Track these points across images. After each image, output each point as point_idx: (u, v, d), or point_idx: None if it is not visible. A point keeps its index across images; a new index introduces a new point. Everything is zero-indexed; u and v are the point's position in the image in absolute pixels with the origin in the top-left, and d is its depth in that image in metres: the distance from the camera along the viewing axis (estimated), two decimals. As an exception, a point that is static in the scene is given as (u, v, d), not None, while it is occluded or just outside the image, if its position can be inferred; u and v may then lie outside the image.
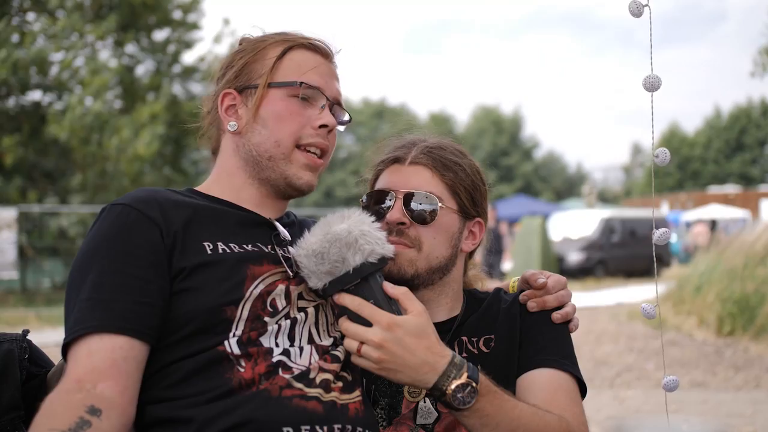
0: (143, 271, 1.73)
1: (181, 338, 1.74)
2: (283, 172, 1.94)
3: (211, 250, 1.81)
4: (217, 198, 1.96)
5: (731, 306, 12.02)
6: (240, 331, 1.75)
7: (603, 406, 7.57)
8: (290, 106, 1.93)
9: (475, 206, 2.11)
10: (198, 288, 1.76)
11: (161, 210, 1.81)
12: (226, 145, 1.99)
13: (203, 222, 1.85)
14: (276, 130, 1.93)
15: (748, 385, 8.72)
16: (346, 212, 1.84)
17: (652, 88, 2.07)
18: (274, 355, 1.77)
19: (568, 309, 2.08)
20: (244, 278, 1.80)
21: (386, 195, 2.07)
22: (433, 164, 2.08)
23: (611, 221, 28.84)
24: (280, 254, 1.89)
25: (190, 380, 1.72)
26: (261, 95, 1.92)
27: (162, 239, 1.77)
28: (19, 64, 19.09)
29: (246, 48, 1.99)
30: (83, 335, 1.67)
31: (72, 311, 1.72)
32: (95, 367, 1.65)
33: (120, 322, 1.68)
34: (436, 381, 1.74)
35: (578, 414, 1.95)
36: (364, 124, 66.16)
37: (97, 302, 1.70)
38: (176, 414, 1.70)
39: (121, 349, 1.67)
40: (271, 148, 1.93)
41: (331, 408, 1.76)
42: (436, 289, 2.09)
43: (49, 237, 20.55)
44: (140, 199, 1.82)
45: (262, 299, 1.80)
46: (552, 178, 68.70)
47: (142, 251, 1.75)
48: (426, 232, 2.04)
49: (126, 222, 1.78)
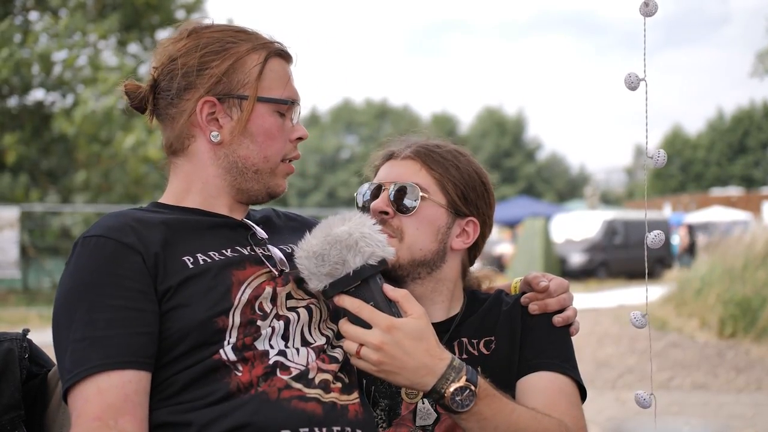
0: (133, 301, 1.71)
1: (178, 355, 1.72)
2: (266, 183, 1.94)
3: (192, 263, 1.78)
4: (186, 208, 1.92)
5: (733, 308, 12.02)
6: (234, 339, 1.74)
7: (604, 407, 7.57)
8: (277, 122, 1.92)
9: (468, 205, 2.11)
10: (186, 304, 1.74)
11: (136, 234, 1.77)
12: (200, 153, 1.91)
13: (179, 237, 1.82)
14: (266, 146, 1.91)
15: (749, 387, 8.72)
16: (347, 214, 1.84)
17: (632, 86, 2.06)
18: (271, 357, 1.76)
19: (570, 313, 2.08)
20: (230, 286, 1.78)
21: (374, 187, 2.10)
22: (422, 159, 2.09)
23: (614, 223, 28.83)
24: (260, 254, 1.88)
25: (189, 389, 1.71)
26: (251, 110, 1.88)
27: (144, 264, 1.74)
28: (21, 63, 19.12)
29: (214, 49, 1.89)
30: (88, 376, 1.65)
31: (66, 352, 1.69)
32: (110, 404, 1.63)
33: (124, 357, 1.67)
34: (434, 384, 1.74)
35: (578, 418, 1.95)
36: (366, 125, 66.21)
37: (94, 340, 1.67)
38: (175, 418, 1.70)
39: (131, 383, 1.66)
40: (258, 163, 1.91)
41: (330, 409, 1.75)
42: (426, 285, 2.09)
43: (51, 236, 20.57)
44: (113, 227, 1.78)
45: (251, 304, 1.78)
46: (554, 179, 68.66)
47: (128, 281, 1.72)
48: (408, 223, 2.05)
49: (104, 254, 1.74)
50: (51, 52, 19.70)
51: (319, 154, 63.29)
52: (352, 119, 67.66)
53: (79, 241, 1.79)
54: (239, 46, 1.90)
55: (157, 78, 1.92)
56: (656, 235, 2.12)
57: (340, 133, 68.13)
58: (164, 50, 1.93)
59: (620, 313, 15.31)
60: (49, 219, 20.60)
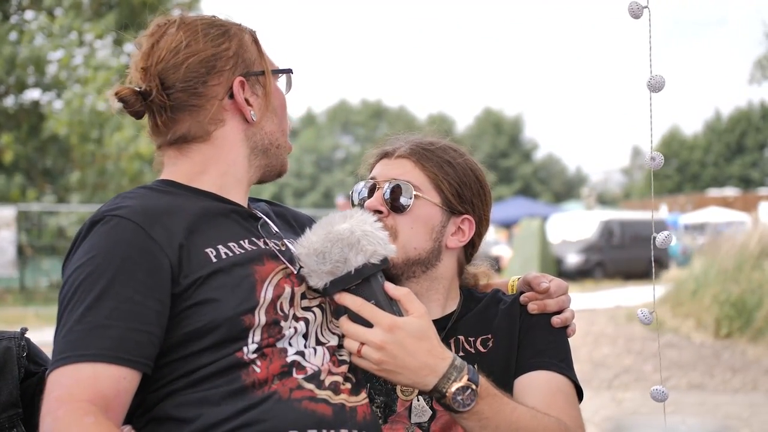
0: (142, 295, 1.66)
1: (200, 349, 1.70)
2: (282, 159, 1.97)
3: (215, 257, 1.75)
4: (200, 190, 1.87)
5: (728, 308, 12.04)
6: (259, 338, 1.73)
7: (601, 407, 7.58)
8: (283, 94, 1.99)
9: (463, 202, 2.10)
10: (215, 298, 1.70)
11: (161, 223, 1.72)
12: (229, 136, 1.88)
13: (200, 226, 1.78)
14: (283, 118, 1.96)
15: (745, 388, 8.74)
16: (349, 212, 1.84)
17: (655, 88, 2.07)
18: (289, 355, 1.75)
19: (568, 314, 2.08)
20: (254, 283, 1.75)
21: (369, 185, 2.10)
22: (416, 157, 2.09)
23: (610, 223, 28.88)
24: (274, 248, 1.86)
25: (204, 383, 1.69)
26: (271, 83, 1.91)
27: (166, 257, 1.69)
28: (17, 63, 19.10)
29: (217, 33, 1.87)
30: (85, 361, 1.60)
31: (63, 330, 1.64)
32: (103, 393, 1.59)
33: (123, 353, 1.62)
34: (436, 383, 1.74)
35: (576, 417, 1.96)
36: (362, 125, 66.18)
37: (96, 327, 1.62)
38: (185, 411, 1.68)
39: (125, 380, 1.63)
40: (280, 137, 1.95)
41: (340, 411, 1.74)
42: (422, 283, 2.08)
43: (48, 236, 20.55)
44: (136, 210, 1.72)
45: (274, 304, 1.76)
46: (551, 180, 68.70)
47: (142, 273, 1.67)
48: (403, 222, 2.04)
49: (124, 237, 1.69)
50: (46, 51, 19.68)
51: (315, 154, 63.26)
52: (348, 119, 67.64)
53: (101, 218, 1.71)
54: (229, 27, 1.91)
55: (161, 74, 1.84)
56: (666, 236, 2.12)
57: (336, 133, 68.08)
58: (153, 45, 1.86)
59: (616, 313, 15.33)
60: (45, 218, 20.58)
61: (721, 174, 63.84)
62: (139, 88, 1.87)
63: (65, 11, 20.47)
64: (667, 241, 2.11)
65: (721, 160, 64.45)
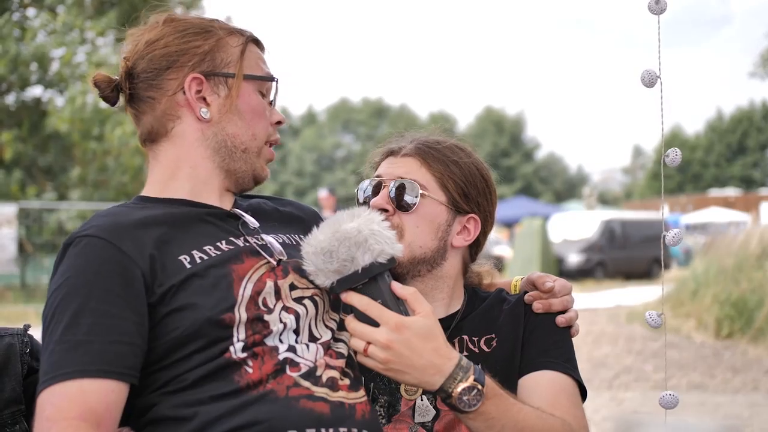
0: (119, 308, 1.68)
1: (187, 354, 1.70)
2: (252, 164, 1.93)
3: (189, 263, 1.76)
4: (173, 199, 1.88)
5: (729, 308, 12.03)
6: (243, 335, 1.73)
7: (601, 407, 7.58)
8: (261, 101, 1.94)
9: (469, 202, 2.10)
10: (190, 304, 1.71)
11: (129, 236, 1.74)
12: (187, 134, 1.89)
13: (172, 235, 1.79)
14: (253, 124, 1.91)
15: (746, 388, 8.73)
16: (356, 210, 1.82)
17: (648, 83, 2.07)
18: (280, 353, 1.75)
19: (572, 314, 2.08)
20: (231, 281, 1.76)
21: (375, 183, 2.10)
22: (422, 156, 2.09)
23: (611, 223, 28.86)
24: (254, 243, 1.86)
25: (198, 385, 1.70)
26: (239, 87, 1.89)
27: (138, 268, 1.71)
28: (19, 60, 19.10)
29: (195, 31, 1.89)
30: (72, 378, 1.61)
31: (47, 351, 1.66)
32: (93, 408, 1.60)
33: (107, 366, 1.63)
34: (442, 383, 1.73)
35: (580, 417, 1.96)
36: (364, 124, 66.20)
37: (78, 344, 1.63)
38: (176, 412, 1.68)
39: (113, 393, 1.64)
40: (247, 141, 1.91)
41: (338, 409, 1.73)
42: (426, 282, 2.08)
43: (49, 233, 20.55)
44: (105, 228, 1.75)
45: (254, 300, 1.76)
46: (552, 179, 68.72)
47: (117, 287, 1.68)
48: (408, 220, 2.05)
49: (96, 255, 1.71)
50: (48, 49, 19.69)
51: (316, 153, 63.29)
52: (350, 118, 67.64)
53: (72, 241, 1.75)
54: (218, 30, 1.92)
55: (132, 63, 1.89)
56: (676, 233, 2.11)
57: (338, 131, 68.11)
58: (138, 37, 1.91)
59: (617, 313, 15.32)
60: (46, 216, 20.58)
61: (722, 174, 63.81)
62: (116, 77, 1.93)
63: (67, 9, 20.47)
64: (677, 239, 2.11)
65: (723, 160, 64.43)
